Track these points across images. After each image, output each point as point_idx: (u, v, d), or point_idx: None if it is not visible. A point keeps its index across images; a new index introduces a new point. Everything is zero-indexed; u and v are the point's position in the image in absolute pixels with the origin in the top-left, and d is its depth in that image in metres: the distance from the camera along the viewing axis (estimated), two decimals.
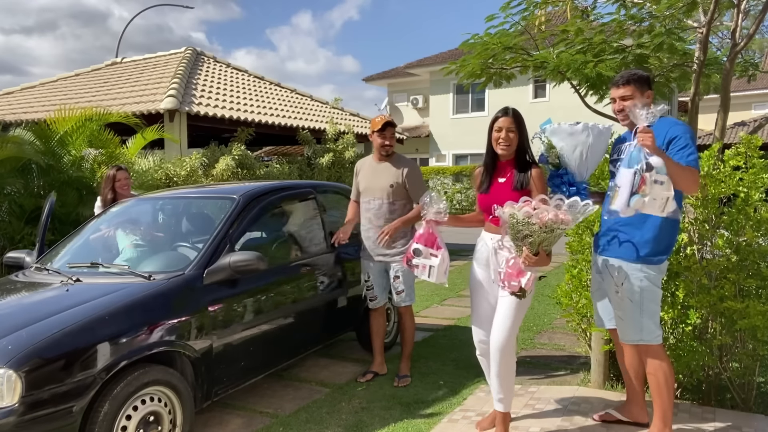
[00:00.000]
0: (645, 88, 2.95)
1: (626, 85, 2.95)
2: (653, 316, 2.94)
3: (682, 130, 2.84)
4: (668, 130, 2.83)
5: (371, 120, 4.26)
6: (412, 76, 23.99)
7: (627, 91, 2.95)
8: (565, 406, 3.54)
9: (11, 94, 13.88)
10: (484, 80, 5.66)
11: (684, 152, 2.77)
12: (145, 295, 3.11)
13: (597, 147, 3.06)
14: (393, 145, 4.19)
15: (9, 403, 2.48)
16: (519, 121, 3.07)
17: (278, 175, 9.80)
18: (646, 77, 2.98)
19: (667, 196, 2.64)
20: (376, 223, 4.11)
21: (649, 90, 2.96)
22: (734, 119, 17.14)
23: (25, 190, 6.32)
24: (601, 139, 3.06)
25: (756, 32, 5.02)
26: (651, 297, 2.92)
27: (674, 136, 2.80)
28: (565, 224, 2.68)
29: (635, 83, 2.94)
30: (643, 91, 2.94)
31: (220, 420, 3.61)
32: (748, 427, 3.18)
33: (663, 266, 2.99)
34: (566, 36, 5.17)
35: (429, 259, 3.15)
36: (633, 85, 2.94)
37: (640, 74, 2.99)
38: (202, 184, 7.61)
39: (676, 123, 2.92)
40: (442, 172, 20.52)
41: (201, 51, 13.49)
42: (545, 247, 2.74)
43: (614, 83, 3.03)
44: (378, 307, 4.29)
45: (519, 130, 3.05)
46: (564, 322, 4.56)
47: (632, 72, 3.02)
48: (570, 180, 3.06)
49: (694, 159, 2.77)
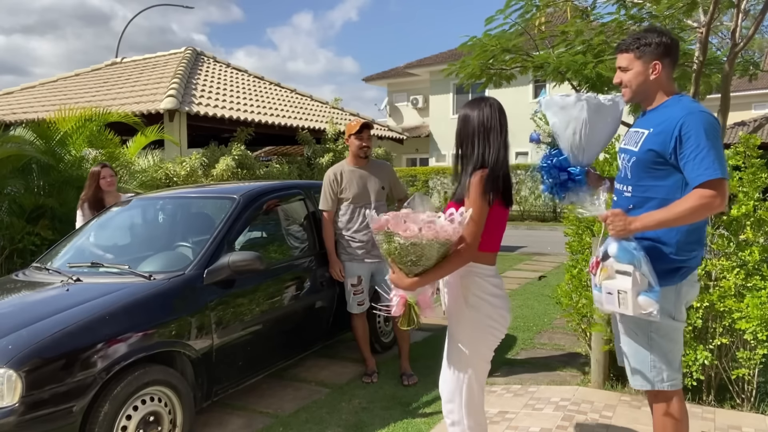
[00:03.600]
0: (652, 57, 2.27)
1: (625, 53, 2.33)
2: (666, 355, 2.29)
3: (697, 124, 2.14)
4: (678, 125, 2.16)
5: (347, 124, 4.23)
6: (412, 76, 24.01)
7: (625, 60, 2.33)
8: (565, 406, 3.54)
9: (11, 94, 13.88)
10: (484, 81, 5.66)
11: (696, 160, 2.11)
12: (146, 295, 3.11)
13: (597, 125, 2.45)
14: (371, 147, 4.20)
15: (9, 402, 2.48)
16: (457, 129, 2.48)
17: (278, 175, 9.80)
18: (655, 44, 2.27)
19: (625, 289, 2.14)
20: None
21: (658, 61, 2.27)
22: (734, 119, 17.14)
23: (26, 189, 6.32)
24: (601, 116, 2.45)
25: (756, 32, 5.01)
26: (661, 330, 2.28)
27: (686, 134, 2.14)
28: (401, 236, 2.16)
29: (636, 51, 2.29)
30: (649, 62, 2.27)
31: (220, 420, 3.61)
32: (748, 427, 3.18)
33: (678, 288, 2.28)
34: (566, 37, 5.16)
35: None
36: (633, 53, 2.30)
37: (647, 39, 2.28)
38: (202, 184, 7.61)
39: (690, 112, 2.18)
40: (442, 172, 20.50)
41: (201, 51, 13.49)
42: (407, 268, 2.21)
43: (617, 48, 2.42)
44: (364, 310, 4.26)
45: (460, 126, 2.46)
46: (564, 322, 4.56)
47: (637, 35, 2.34)
48: (561, 164, 2.51)
49: (712, 168, 2.08)
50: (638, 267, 2.16)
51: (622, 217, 2.18)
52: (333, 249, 4.19)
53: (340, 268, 4.16)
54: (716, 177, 2.09)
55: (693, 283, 2.39)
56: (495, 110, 2.41)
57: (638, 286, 2.16)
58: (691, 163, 2.13)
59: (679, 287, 2.29)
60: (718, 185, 2.10)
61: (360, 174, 4.15)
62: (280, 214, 4.41)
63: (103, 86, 12.43)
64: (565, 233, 4.14)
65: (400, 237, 2.16)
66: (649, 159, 2.26)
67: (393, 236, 2.18)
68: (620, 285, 2.16)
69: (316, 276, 4.23)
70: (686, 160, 2.14)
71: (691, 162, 2.13)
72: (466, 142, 2.40)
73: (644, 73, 2.29)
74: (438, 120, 22.87)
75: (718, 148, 2.14)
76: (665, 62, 2.29)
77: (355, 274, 4.17)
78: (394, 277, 2.28)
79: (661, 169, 2.25)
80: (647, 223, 2.17)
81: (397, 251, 2.19)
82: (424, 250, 2.16)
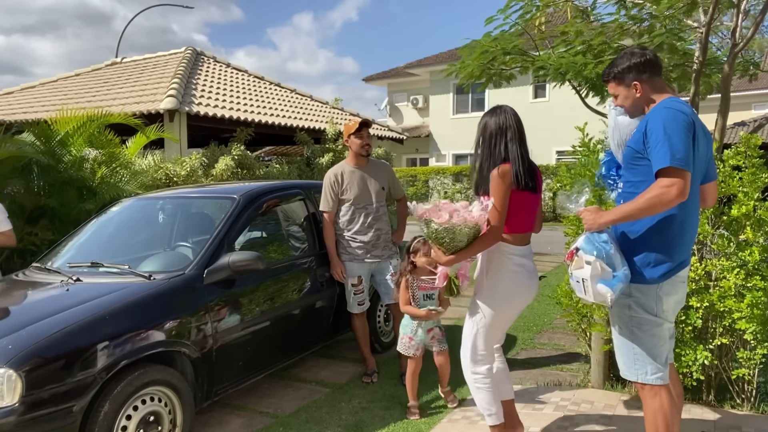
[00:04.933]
0: (630, 79, 2.45)
1: (608, 83, 2.56)
2: (650, 350, 2.42)
3: (655, 122, 2.29)
4: (645, 122, 2.35)
5: (345, 125, 4.23)
6: (412, 76, 24.00)
7: (611, 89, 2.57)
8: (565, 406, 3.54)
9: (11, 94, 13.88)
10: (484, 81, 5.66)
11: (654, 152, 2.25)
12: (146, 295, 3.11)
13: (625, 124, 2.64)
14: (371, 145, 4.20)
15: (9, 402, 2.48)
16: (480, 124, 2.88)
17: (278, 175, 9.80)
18: (627, 66, 2.46)
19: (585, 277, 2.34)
20: (376, 226, 4.12)
21: (636, 81, 2.45)
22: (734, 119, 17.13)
23: (26, 189, 6.32)
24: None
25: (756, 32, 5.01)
26: (643, 326, 2.42)
27: (649, 129, 2.31)
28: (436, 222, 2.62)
29: (615, 80, 2.51)
30: (630, 84, 2.46)
31: (220, 420, 3.61)
32: (748, 427, 3.18)
33: (659, 287, 2.40)
34: (566, 37, 5.17)
35: None
36: (613, 82, 2.52)
37: (620, 65, 2.48)
38: (202, 184, 7.61)
39: (655, 109, 2.37)
40: (442, 172, 20.51)
41: (201, 51, 13.49)
42: (446, 247, 2.68)
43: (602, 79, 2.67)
44: (364, 310, 4.27)
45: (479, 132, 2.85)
46: (564, 322, 4.56)
47: (610, 65, 2.55)
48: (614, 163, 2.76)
49: (662, 158, 2.20)
50: (601, 257, 2.33)
51: (594, 212, 2.39)
52: (334, 250, 4.18)
53: (342, 269, 4.16)
54: (665, 165, 2.19)
55: (678, 284, 2.46)
56: (510, 115, 2.82)
57: (598, 275, 2.33)
58: (651, 155, 2.27)
59: (660, 287, 2.40)
60: (673, 174, 2.19)
61: (360, 175, 4.15)
62: (280, 214, 4.41)
63: (103, 86, 12.43)
64: (565, 233, 4.14)
65: (436, 223, 2.62)
66: (629, 155, 2.44)
67: (430, 223, 2.65)
68: (583, 274, 2.37)
69: (316, 276, 4.23)
70: (649, 154, 2.30)
71: (651, 155, 2.27)
72: (486, 143, 2.80)
73: (630, 95, 2.48)
74: (438, 120, 22.87)
75: (673, 138, 2.22)
76: (644, 78, 2.45)
77: (355, 274, 4.16)
78: (434, 255, 2.77)
79: (639, 164, 2.39)
80: (613, 217, 2.35)
81: (435, 234, 2.67)
82: (455, 233, 2.63)
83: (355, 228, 4.13)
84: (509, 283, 2.80)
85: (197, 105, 10.07)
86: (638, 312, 2.41)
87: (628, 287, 2.39)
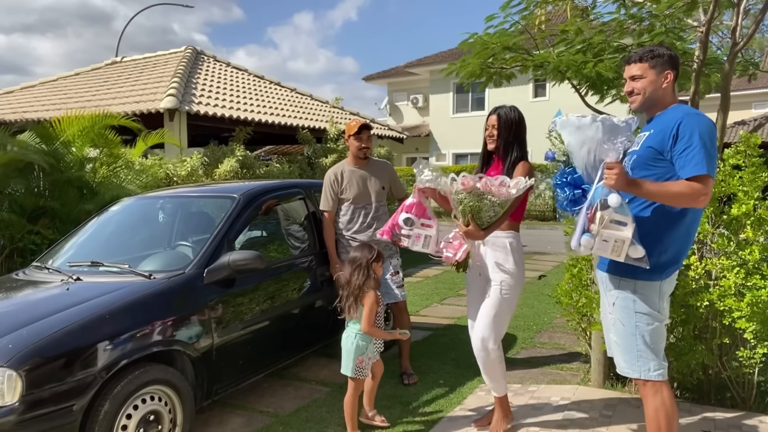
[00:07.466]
0: (664, 67, 2.43)
1: (639, 63, 2.46)
2: (653, 346, 2.46)
3: (692, 126, 2.29)
4: (676, 124, 2.32)
5: (346, 124, 4.23)
6: (412, 75, 23.99)
7: (638, 69, 2.46)
8: (565, 406, 3.54)
9: (11, 93, 13.89)
10: (484, 80, 5.65)
11: (688, 156, 2.27)
12: (146, 294, 3.11)
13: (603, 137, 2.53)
14: (370, 148, 4.20)
15: (9, 401, 2.48)
16: (504, 119, 3.15)
17: (279, 174, 9.80)
18: (667, 56, 2.44)
19: (623, 239, 2.27)
20: (375, 225, 4.11)
21: (669, 71, 2.43)
22: (734, 118, 17.14)
23: (26, 190, 6.32)
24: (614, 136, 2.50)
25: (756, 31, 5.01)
26: (647, 321, 2.45)
27: (681, 132, 2.30)
28: (493, 195, 2.71)
29: (651, 61, 2.43)
30: (661, 72, 2.43)
31: (220, 419, 3.62)
32: (748, 427, 3.18)
33: (661, 285, 2.46)
34: (566, 36, 5.16)
35: (424, 229, 3.07)
36: (647, 63, 2.43)
37: (659, 51, 2.45)
38: (202, 183, 7.61)
39: (687, 114, 2.36)
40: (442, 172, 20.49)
41: (201, 50, 13.49)
42: (476, 218, 2.78)
43: (626, 60, 2.55)
44: None
45: (503, 127, 3.14)
46: (564, 321, 4.56)
47: (649, 48, 2.49)
48: (575, 181, 2.61)
49: (700, 165, 2.24)
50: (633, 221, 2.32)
51: (623, 170, 2.29)
52: (334, 249, 4.18)
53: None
54: (703, 173, 2.26)
55: (673, 282, 2.57)
56: None
57: (635, 236, 2.30)
58: (683, 158, 2.30)
59: (662, 284, 2.46)
60: (705, 181, 2.27)
61: (360, 174, 4.15)
62: (280, 214, 4.41)
63: (103, 85, 12.43)
64: (565, 232, 4.14)
65: (492, 195, 2.74)
66: (648, 155, 2.43)
67: (484, 196, 2.75)
68: (619, 234, 2.29)
69: (317, 275, 4.23)
70: (678, 155, 2.31)
71: (683, 157, 2.30)
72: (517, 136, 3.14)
73: (657, 82, 2.45)
74: (438, 119, 22.87)
75: (709, 149, 2.29)
76: (674, 74, 2.48)
77: None
78: (468, 231, 2.84)
79: (658, 166, 2.40)
80: (640, 184, 2.31)
81: (485, 208, 2.77)
82: (501, 207, 2.78)
83: (354, 227, 4.13)
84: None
85: (197, 104, 10.07)
86: (643, 307, 2.46)
87: (633, 284, 2.45)
